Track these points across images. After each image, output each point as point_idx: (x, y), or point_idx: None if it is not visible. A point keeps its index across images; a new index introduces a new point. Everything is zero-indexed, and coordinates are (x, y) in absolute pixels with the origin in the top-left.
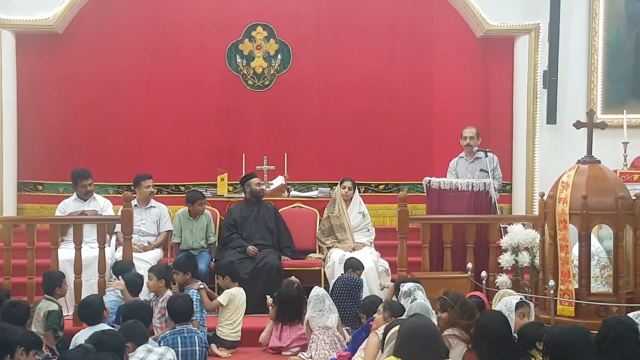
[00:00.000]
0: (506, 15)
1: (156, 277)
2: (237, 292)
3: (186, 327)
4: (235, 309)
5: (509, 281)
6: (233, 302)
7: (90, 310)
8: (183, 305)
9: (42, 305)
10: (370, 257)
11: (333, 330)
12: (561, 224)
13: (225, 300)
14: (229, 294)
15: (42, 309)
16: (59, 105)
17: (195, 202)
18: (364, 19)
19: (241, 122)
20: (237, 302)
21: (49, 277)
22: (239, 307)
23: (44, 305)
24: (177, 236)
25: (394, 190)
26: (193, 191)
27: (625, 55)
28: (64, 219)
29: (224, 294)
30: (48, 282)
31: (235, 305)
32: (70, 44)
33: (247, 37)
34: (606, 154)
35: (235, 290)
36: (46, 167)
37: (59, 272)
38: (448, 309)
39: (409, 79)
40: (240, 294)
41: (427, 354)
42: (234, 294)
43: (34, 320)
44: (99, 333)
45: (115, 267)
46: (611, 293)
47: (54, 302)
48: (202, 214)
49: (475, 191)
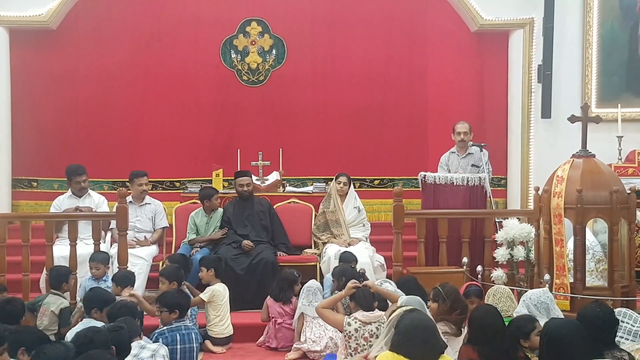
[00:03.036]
0: (501, 10)
1: (167, 280)
2: (220, 287)
3: (183, 323)
4: (218, 305)
5: (504, 275)
6: (217, 299)
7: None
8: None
9: (50, 300)
10: (365, 252)
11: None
12: (556, 218)
13: (208, 296)
14: (212, 290)
15: (51, 304)
16: (54, 102)
17: (212, 197)
18: (359, 14)
19: (236, 118)
20: (219, 298)
21: (56, 272)
22: (222, 303)
23: (52, 300)
24: (191, 233)
25: (389, 186)
26: (206, 188)
27: (619, 49)
28: (58, 216)
29: (206, 290)
30: (55, 277)
31: (218, 301)
32: (64, 39)
33: (241, 33)
34: (601, 147)
35: (218, 287)
36: (41, 164)
37: (66, 268)
38: (439, 301)
39: (404, 74)
40: (223, 290)
41: (425, 349)
42: (217, 290)
43: (40, 315)
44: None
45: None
46: (606, 287)
47: (62, 298)
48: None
49: (471, 186)
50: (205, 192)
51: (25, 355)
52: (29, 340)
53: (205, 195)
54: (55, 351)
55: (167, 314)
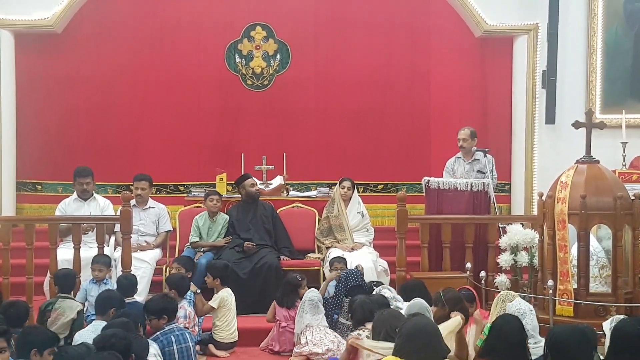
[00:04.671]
0: (505, 15)
1: (169, 287)
2: (227, 294)
3: (175, 325)
4: (227, 310)
5: (507, 281)
6: (224, 305)
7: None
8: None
9: (62, 304)
10: (369, 257)
11: (318, 323)
12: (560, 223)
13: (216, 303)
14: (219, 297)
15: (66, 309)
16: (58, 105)
17: (207, 198)
18: (363, 18)
19: (240, 122)
20: (228, 304)
21: (64, 275)
22: (230, 308)
23: (66, 305)
24: (194, 236)
25: (393, 190)
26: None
27: (623, 55)
28: (62, 219)
29: (215, 297)
30: (63, 280)
31: (227, 307)
32: (68, 43)
33: (246, 37)
34: (605, 153)
35: (224, 293)
36: (45, 167)
37: (73, 270)
38: (439, 305)
39: (408, 79)
40: (229, 296)
41: (428, 354)
42: (223, 297)
43: (51, 320)
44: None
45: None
46: (610, 293)
47: (75, 301)
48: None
49: (474, 191)
50: (205, 193)
51: (37, 356)
52: (39, 340)
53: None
54: (77, 351)
55: (157, 320)
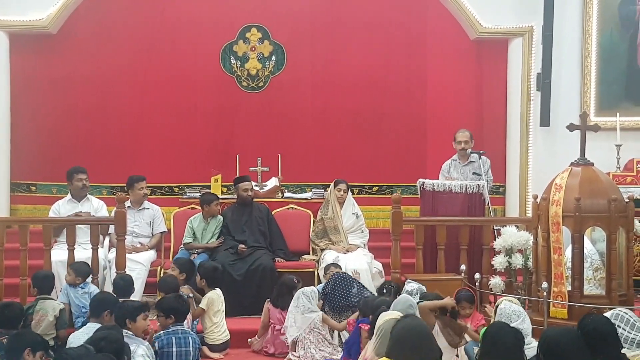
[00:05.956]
0: (500, 18)
1: (165, 293)
2: (214, 294)
3: (180, 327)
4: (215, 312)
5: (502, 283)
6: (214, 306)
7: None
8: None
9: (42, 306)
10: (364, 258)
11: (318, 329)
12: (554, 226)
13: (205, 305)
14: (207, 298)
15: (48, 309)
16: (53, 106)
17: (211, 203)
18: (359, 20)
19: (235, 124)
20: (216, 305)
21: (44, 277)
22: (219, 309)
23: (47, 305)
24: (188, 237)
25: (388, 192)
26: (207, 193)
27: (618, 58)
28: (56, 220)
29: (203, 299)
30: (43, 281)
31: (215, 308)
32: (64, 44)
33: (241, 39)
34: (599, 156)
35: (212, 294)
36: (39, 168)
37: (50, 271)
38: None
39: (403, 81)
40: (217, 297)
41: (420, 355)
42: (211, 298)
43: (35, 323)
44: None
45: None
46: (604, 295)
47: (55, 300)
48: (216, 215)
49: (469, 193)
50: (206, 197)
51: (31, 356)
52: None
53: (205, 201)
54: (77, 352)
55: (164, 318)
